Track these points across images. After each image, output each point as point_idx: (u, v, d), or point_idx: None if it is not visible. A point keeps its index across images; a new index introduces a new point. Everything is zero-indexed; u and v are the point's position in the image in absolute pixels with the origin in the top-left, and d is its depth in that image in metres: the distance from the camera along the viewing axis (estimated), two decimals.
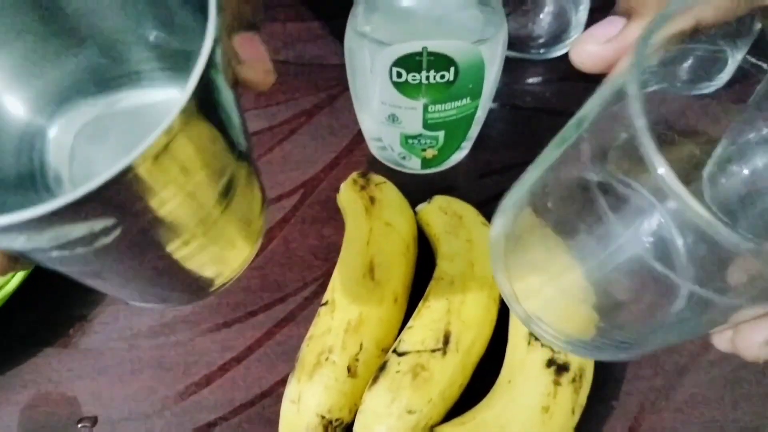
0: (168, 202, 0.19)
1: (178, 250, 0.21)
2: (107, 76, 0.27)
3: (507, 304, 0.28)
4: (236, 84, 0.23)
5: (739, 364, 0.41)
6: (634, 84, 0.17)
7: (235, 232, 0.25)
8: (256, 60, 0.23)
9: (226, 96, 0.20)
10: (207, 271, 0.25)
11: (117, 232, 0.18)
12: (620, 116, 0.18)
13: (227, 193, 0.22)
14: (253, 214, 0.26)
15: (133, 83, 0.27)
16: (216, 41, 0.18)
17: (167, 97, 0.27)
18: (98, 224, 0.17)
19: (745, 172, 0.29)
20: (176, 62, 0.26)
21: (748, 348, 0.22)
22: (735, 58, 0.45)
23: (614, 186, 0.22)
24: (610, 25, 0.23)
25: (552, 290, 0.26)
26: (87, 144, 0.27)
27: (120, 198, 0.17)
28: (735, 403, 0.40)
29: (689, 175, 0.29)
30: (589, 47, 0.23)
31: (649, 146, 0.16)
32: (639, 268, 0.21)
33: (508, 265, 0.27)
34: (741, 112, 0.30)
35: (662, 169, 0.16)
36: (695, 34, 0.21)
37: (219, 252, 0.24)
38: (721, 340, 0.23)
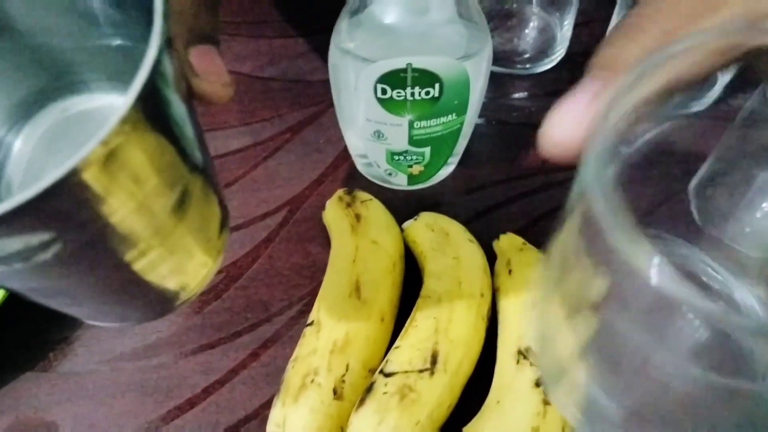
0: (112, 214, 0.18)
1: (133, 262, 0.21)
2: (60, 86, 0.26)
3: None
4: (191, 96, 0.23)
5: None
6: (600, 189, 0.14)
7: (194, 243, 0.24)
8: (212, 73, 0.23)
9: (177, 107, 0.20)
10: (169, 284, 0.25)
11: (57, 247, 0.17)
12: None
13: (181, 205, 0.21)
14: (212, 229, 0.26)
15: (86, 90, 0.27)
16: (161, 50, 0.17)
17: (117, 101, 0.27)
18: (34, 239, 0.17)
19: (731, 186, 0.29)
20: (126, 74, 0.26)
21: None
22: (723, 78, 0.45)
23: None
24: (585, 89, 0.18)
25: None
26: (43, 152, 0.26)
27: (55, 211, 0.16)
28: None
29: (674, 188, 0.29)
30: (557, 133, 0.19)
31: (632, 253, 0.14)
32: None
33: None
34: (728, 129, 0.30)
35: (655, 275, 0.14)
36: (673, 93, 0.18)
37: (179, 264, 0.24)
38: None
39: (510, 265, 0.41)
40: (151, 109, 0.17)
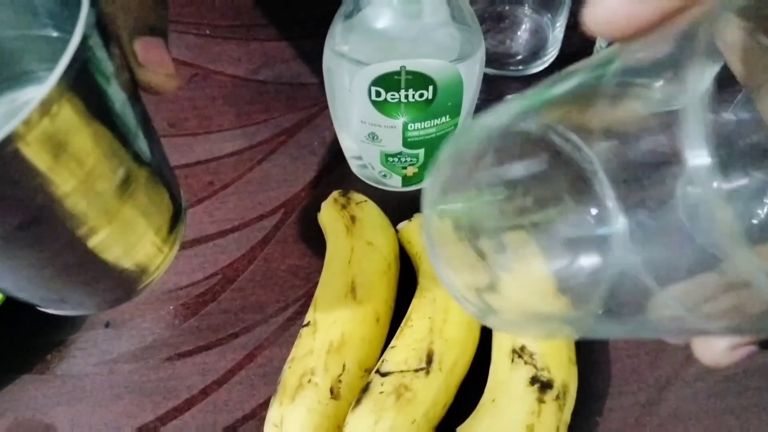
0: (47, 193, 0.18)
1: (78, 243, 0.21)
2: (7, 78, 0.27)
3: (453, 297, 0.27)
4: (137, 86, 0.24)
5: (721, 378, 0.41)
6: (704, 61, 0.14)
7: (145, 228, 0.25)
8: (156, 64, 0.24)
9: (115, 93, 0.20)
10: (126, 264, 0.25)
11: None
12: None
13: (125, 191, 0.22)
14: (162, 220, 0.26)
15: (35, 82, 0.27)
16: (89, 34, 0.18)
17: None
18: None
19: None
20: None
21: (709, 353, 0.21)
22: (710, 72, 0.46)
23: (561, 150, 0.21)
24: None
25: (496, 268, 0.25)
26: None
27: None
28: (718, 417, 0.40)
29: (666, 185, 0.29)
30: (615, 3, 0.17)
31: (696, 128, 0.13)
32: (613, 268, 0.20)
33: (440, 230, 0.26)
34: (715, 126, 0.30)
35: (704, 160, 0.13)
36: None
37: (130, 245, 0.24)
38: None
39: None
40: (82, 92, 0.18)
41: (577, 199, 0.21)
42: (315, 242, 0.47)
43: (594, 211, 0.20)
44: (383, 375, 0.37)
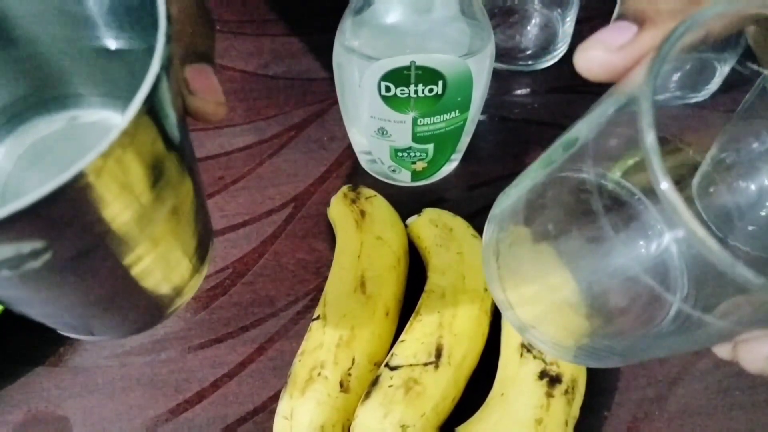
0: (107, 224, 0.18)
1: (125, 271, 0.21)
2: (45, 100, 0.26)
3: (501, 311, 0.28)
4: (185, 114, 0.23)
5: (730, 373, 0.41)
6: (648, 99, 0.17)
7: (183, 252, 0.24)
8: (207, 91, 0.23)
9: (173, 122, 0.20)
10: (163, 289, 0.25)
11: (48, 255, 0.17)
12: (627, 129, 0.17)
13: (173, 215, 0.22)
14: (198, 241, 0.26)
15: (72, 106, 0.27)
16: (163, 68, 0.17)
17: (105, 117, 0.27)
18: (26, 246, 0.16)
19: (734, 181, 0.29)
20: (116, 88, 0.25)
21: (753, 361, 0.22)
22: (722, 70, 0.46)
23: (616, 196, 0.22)
24: (621, 32, 0.21)
25: (544, 298, 0.26)
26: (24, 167, 0.26)
27: (51, 219, 0.16)
28: (727, 412, 0.40)
29: (680, 183, 0.30)
30: (597, 53, 0.21)
31: (656, 163, 0.16)
32: (633, 281, 0.21)
33: (501, 273, 0.27)
34: (728, 122, 0.30)
35: (665, 185, 0.16)
36: (700, 45, 0.20)
37: (171, 270, 0.24)
38: (722, 349, 0.23)
39: None
40: (153, 122, 0.18)
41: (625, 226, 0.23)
42: (325, 237, 0.48)
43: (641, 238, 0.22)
44: (392, 369, 0.37)
